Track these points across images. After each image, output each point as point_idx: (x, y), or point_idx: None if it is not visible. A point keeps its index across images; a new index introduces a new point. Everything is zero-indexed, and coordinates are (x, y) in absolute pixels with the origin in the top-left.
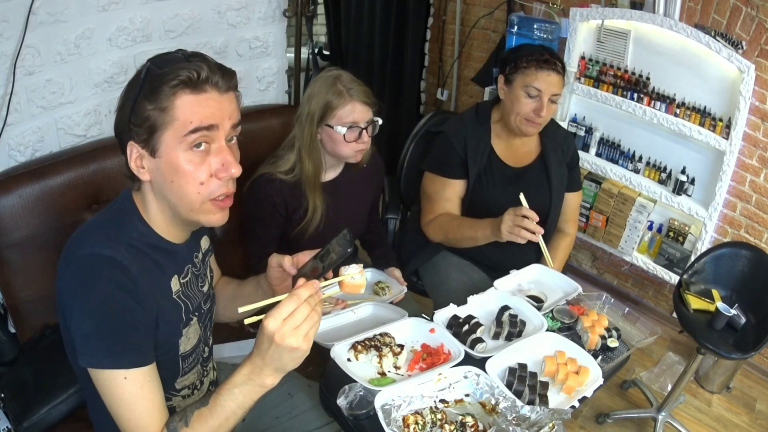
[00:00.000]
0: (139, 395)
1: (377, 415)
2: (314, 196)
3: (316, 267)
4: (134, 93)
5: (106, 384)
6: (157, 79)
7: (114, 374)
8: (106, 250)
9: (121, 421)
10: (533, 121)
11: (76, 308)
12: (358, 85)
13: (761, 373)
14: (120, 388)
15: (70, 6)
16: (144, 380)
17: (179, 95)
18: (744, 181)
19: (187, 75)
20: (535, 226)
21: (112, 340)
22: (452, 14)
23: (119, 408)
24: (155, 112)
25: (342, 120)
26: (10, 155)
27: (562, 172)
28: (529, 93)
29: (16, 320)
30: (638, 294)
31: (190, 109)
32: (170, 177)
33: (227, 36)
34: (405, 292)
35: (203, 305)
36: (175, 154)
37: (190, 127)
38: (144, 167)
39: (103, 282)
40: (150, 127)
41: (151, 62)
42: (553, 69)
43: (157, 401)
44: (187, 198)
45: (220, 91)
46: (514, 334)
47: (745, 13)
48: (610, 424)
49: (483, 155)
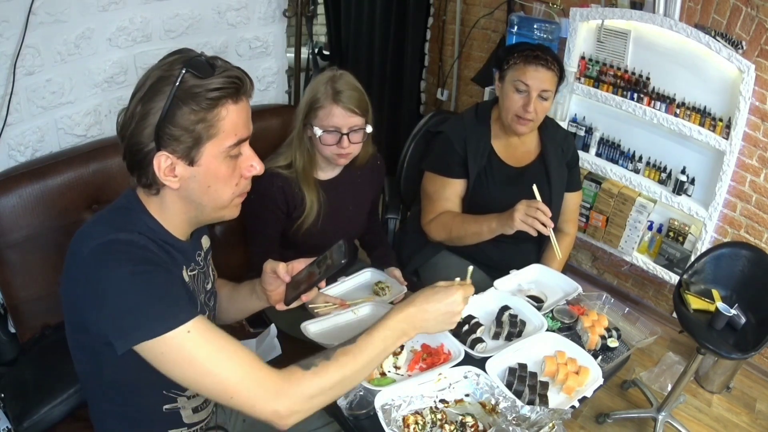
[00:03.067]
0: (213, 340)
1: (377, 415)
2: (310, 192)
3: (312, 272)
4: (165, 101)
5: (173, 351)
6: (199, 89)
7: (175, 335)
8: (121, 235)
9: (212, 379)
10: (522, 117)
11: (108, 292)
12: (351, 90)
13: (761, 373)
14: (189, 344)
15: (70, 6)
16: (206, 325)
17: (225, 106)
18: (744, 181)
19: (233, 85)
20: (547, 219)
21: (159, 302)
22: (452, 14)
23: (202, 366)
24: (201, 124)
25: (321, 121)
26: (10, 155)
27: (561, 171)
28: (517, 88)
29: (16, 320)
30: (638, 294)
31: (233, 120)
32: (208, 183)
33: (227, 36)
34: (405, 291)
35: (208, 302)
36: (216, 163)
37: (234, 139)
38: (176, 176)
39: (127, 258)
40: (195, 138)
41: (186, 68)
42: (542, 64)
43: (235, 342)
44: (220, 200)
45: (248, 99)
46: (514, 334)
47: (745, 13)
48: (610, 424)
49: (483, 155)
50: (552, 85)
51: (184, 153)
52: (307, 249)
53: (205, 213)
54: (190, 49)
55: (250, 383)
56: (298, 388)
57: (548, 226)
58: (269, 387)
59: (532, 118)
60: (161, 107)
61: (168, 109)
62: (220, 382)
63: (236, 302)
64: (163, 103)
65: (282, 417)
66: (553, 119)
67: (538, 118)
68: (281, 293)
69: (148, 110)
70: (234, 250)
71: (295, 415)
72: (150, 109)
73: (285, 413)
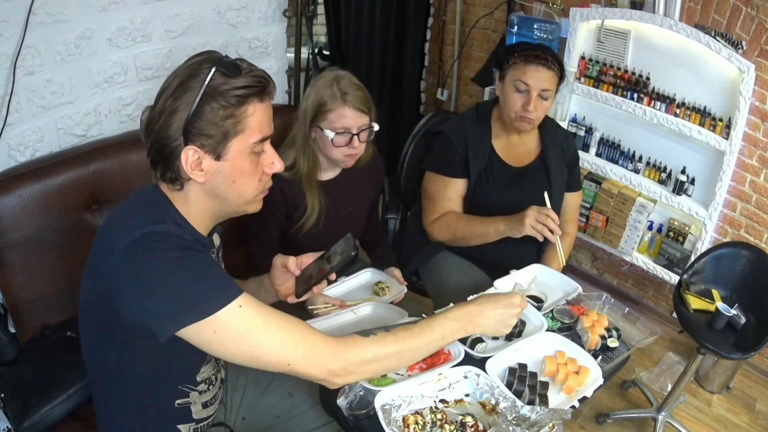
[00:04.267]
0: (263, 313)
1: (377, 415)
2: (311, 194)
3: (323, 268)
4: (195, 97)
5: (227, 328)
6: (228, 87)
7: (228, 311)
8: (158, 227)
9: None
10: (523, 116)
11: (153, 278)
12: (356, 90)
13: (761, 373)
14: (244, 319)
15: (70, 6)
16: (254, 300)
17: (252, 104)
18: (744, 181)
19: (260, 84)
20: (555, 226)
21: (207, 282)
22: (452, 14)
23: (255, 339)
24: (230, 120)
25: (332, 124)
26: (10, 155)
27: (562, 171)
28: (518, 87)
29: (16, 320)
30: (638, 294)
31: (259, 118)
32: (233, 178)
33: (227, 36)
34: (405, 292)
35: None
36: (241, 158)
37: (259, 136)
38: (203, 170)
39: (169, 247)
40: (224, 134)
41: (216, 66)
42: (543, 64)
43: (282, 313)
44: (245, 195)
45: (271, 100)
46: (514, 334)
47: (745, 13)
48: (610, 424)
49: (484, 155)
50: (552, 85)
51: (211, 147)
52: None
53: (230, 207)
54: (216, 51)
55: (305, 348)
56: (355, 350)
57: (556, 233)
58: (325, 349)
59: (533, 117)
60: (191, 103)
61: (198, 104)
62: (276, 352)
63: None
64: (193, 99)
65: (336, 375)
66: (554, 119)
67: (538, 117)
68: (290, 287)
69: (178, 106)
70: (234, 251)
71: (349, 376)
72: (179, 104)
73: (339, 371)
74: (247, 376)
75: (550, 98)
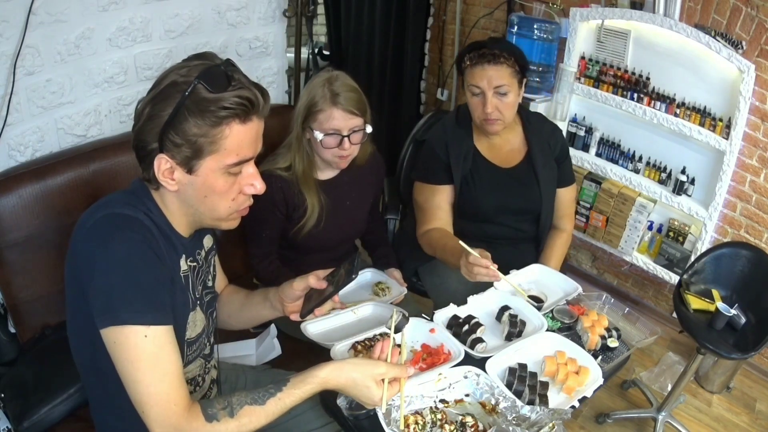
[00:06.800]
0: (159, 356)
1: (377, 415)
2: (310, 194)
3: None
4: (173, 108)
5: (124, 344)
6: (208, 103)
7: (134, 331)
8: (127, 210)
9: (138, 386)
10: (486, 119)
11: (97, 267)
12: (348, 91)
13: (761, 373)
14: (140, 347)
15: (70, 6)
16: (165, 340)
17: (230, 125)
18: (744, 181)
19: (242, 106)
20: (488, 269)
21: (135, 294)
22: (452, 14)
23: (137, 371)
24: (203, 139)
25: (321, 125)
26: (10, 155)
27: (550, 169)
28: (472, 92)
29: (16, 320)
30: (638, 294)
31: (238, 140)
32: (204, 194)
33: (227, 36)
34: (405, 293)
35: (205, 297)
36: (213, 177)
37: (235, 159)
38: (174, 180)
39: (126, 237)
40: (196, 150)
41: (198, 80)
42: (489, 61)
43: (177, 365)
44: (216, 212)
45: (260, 119)
46: (514, 334)
47: (745, 13)
48: (610, 424)
49: (467, 157)
50: (506, 79)
51: (183, 161)
52: (307, 250)
53: (203, 219)
54: (215, 55)
55: (162, 409)
56: None
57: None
58: (173, 421)
59: (496, 117)
60: (168, 113)
61: (174, 116)
62: (141, 395)
63: (249, 310)
64: (171, 110)
65: None
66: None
67: (504, 115)
68: (298, 306)
69: (156, 113)
70: (234, 251)
71: None
72: (158, 112)
73: None
74: (246, 377)
75: (510, 93)
